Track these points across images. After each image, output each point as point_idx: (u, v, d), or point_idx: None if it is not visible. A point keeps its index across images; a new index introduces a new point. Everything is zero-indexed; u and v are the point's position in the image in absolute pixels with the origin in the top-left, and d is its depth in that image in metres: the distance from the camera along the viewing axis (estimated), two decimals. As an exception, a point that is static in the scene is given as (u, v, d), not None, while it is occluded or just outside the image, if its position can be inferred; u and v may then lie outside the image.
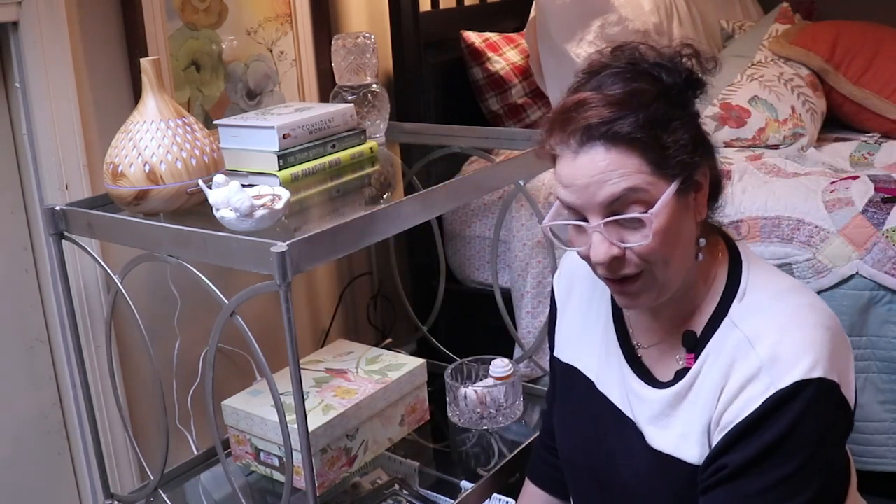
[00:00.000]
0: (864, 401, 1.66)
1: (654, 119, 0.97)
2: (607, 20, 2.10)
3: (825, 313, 1.02)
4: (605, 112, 0.97)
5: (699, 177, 1.03)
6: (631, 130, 0.96)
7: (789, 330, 0.98)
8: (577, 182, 0.99)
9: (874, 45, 2.27)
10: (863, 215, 1.66)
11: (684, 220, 1.01)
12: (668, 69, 1.02)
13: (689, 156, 0.99)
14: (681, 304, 1.08)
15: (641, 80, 1.00)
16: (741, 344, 1.00)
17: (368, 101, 1.77)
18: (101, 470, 1.55)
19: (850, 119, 2.29)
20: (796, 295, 1.04)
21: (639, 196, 0.97)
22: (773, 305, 1.03)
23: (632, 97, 0.97)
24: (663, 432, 1.07)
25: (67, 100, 1.48)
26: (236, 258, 1.18)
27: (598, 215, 0.99)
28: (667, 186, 0.98)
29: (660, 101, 0.98)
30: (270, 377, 1.21)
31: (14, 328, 1.53)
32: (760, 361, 0.97)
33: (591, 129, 0.97)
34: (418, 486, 1.67)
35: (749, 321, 1.02)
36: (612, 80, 1.00)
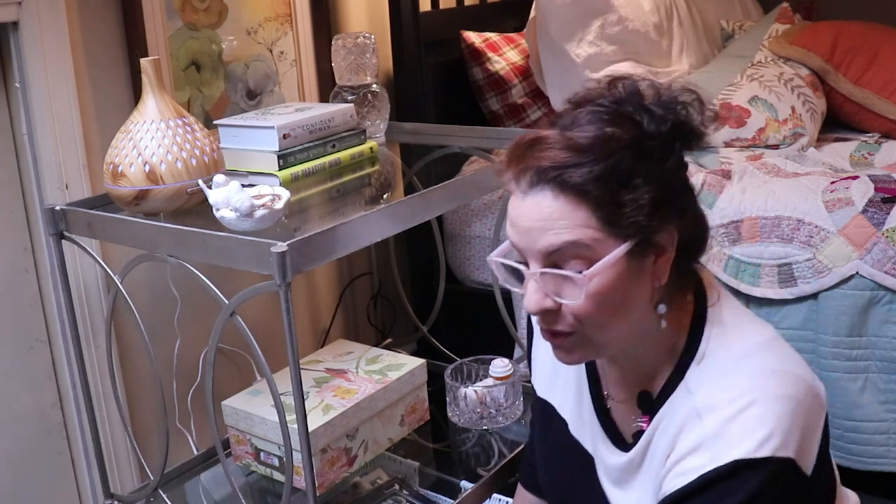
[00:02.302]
0: (864, 401, 1.66)
1: (614, 172, 0.88)
2: (607, 20, 2.10)
3: (792, 378, 0.92)
4: (561, 156, 0.89)
5: (662, 240, 0.92)
6: (583, 182, 0.87)
7: (743, 402, 0.89)
8: (520, 224, 0.92)
9: (874, 45, 2.26)
10: (863, 215, 1.66)
11: (634, 285, 0.92)
12: (656, 115, 0.92)
13: (647, 218, 0.89)
14: (638, 362, 1.01)
15: (619, 124, 0.91)
16: (690, 414, 0.93)
17: (368, 101, 1.77)
18: (101, 470, 1.55)
19: (850, 119, 2.29)
20: (762, 358, 0.94)
21: (580, 252, 0.89)
22: (732, 373, 0.93)
23: (596, 144, 0.89)
24: (624, 496, 1.04)
25: (67, 100, 1.48)
26: (236, 258, 1.18)
27: (537, 263, 0.92)
28: (614, 247, 0.89)
29: (628, 152, 0.89)
30: (270, 377, 1.21)
31: (14, 328, 1.53)
32: (704, 435, 0.90)
33: (543, 171, 0.89)
34: (418, 486, 1.67)
35: (704, 389, 0.94)
36: (588, 118, 0.92)
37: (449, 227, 2.19)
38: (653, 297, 0.95)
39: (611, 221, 0.89)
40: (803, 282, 1.69)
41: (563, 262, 0.90)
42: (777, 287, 1.72)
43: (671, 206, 0.92)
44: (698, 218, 0.99)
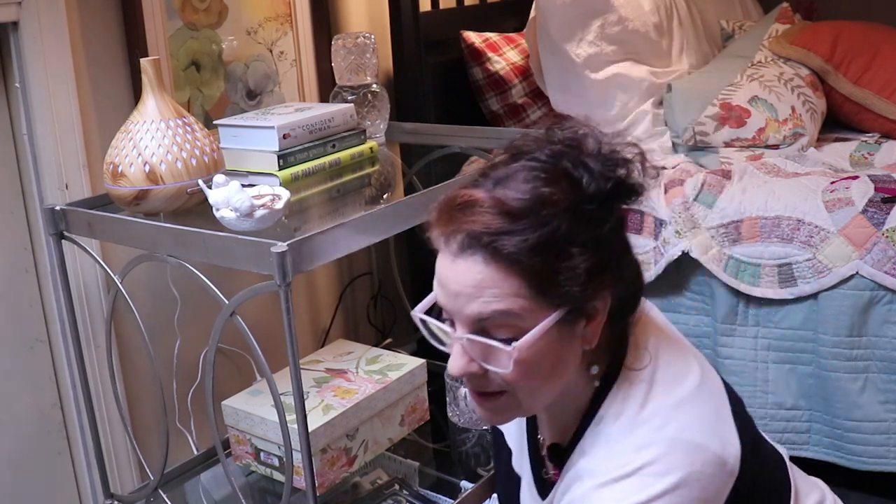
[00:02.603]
0: (864, 401, 1.66)
1: (550, 241, 0.83)
2: (607, 20, 2.10)
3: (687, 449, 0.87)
4: (494, 222, 0.84)
5: (597, 303, 0.89)
6: (516, 251, 0.83)
7: (619, 473, 0.86)
8: (449, 287, 0.88)
9: (874, 45, 2.26)
10: (863, 215, 1.66)
11: (564, 351, 0.89)
12: (595, 173, 0.87)
13: (582, 287, 0.85)
14: (556, 416, 0.99)
15: (556, 183, 0.85)
16: (574, 476, 0.91)
17: (368, 101, 1.77)
18: (101, 470, 1.55)
19: (850, 119, 2.29)
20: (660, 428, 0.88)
21: (510, 321, 0.85)
22: (622, 441, 0.89)
23: (531, 209, 0.84)
24: None
25: (67, 100, 1.48)
26: (236, 258, 1.18)
27: (464, 328, 0.88)
28: (545, 316, 0.85)
29: (565, 218, 0.84)
30: (270, 377, 1.21)
31: (14, 328, 1.53)
32: (572, 499, 0.89)
33: (475, 236, 0.84)
34: (418, 486, 1.67)
35: (592, 452, 0.91)
36: (524, 175, 0.86)
37: (449, 227, 2.19)
38: (584, 360, 0.92)
39: (543, 291, 0.85)
40: (803, 282, 1.69)
41: (492, 329, 0.87)
42: (777, 287, 1.72)
43: (607, 272, 0.88)
44: (633, 276, 0.95)
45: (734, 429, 0.91)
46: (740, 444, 0.90)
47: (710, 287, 1.80)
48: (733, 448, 0.90)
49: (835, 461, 1.71)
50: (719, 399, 0.94)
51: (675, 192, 1.85)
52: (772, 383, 1.76)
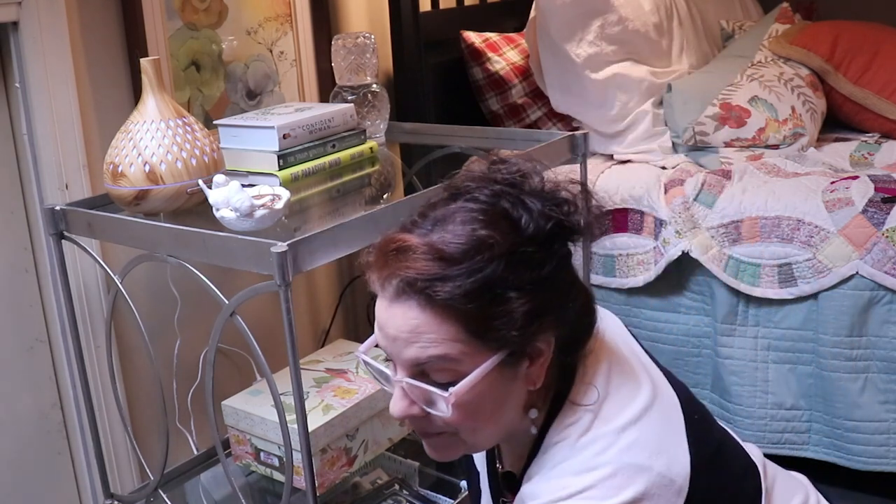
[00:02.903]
0: (864, 401, 1.66)
1: (485, 286, 0.82)
2: (607, 20, 2.10)
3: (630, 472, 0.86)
4: (428, 267, 0.83)
5: (540, 345, 0.88)
6: (450, 297, 0.82)
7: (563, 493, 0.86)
8: (387, 331, 0.87)
9: (874, 45, 2.26)
10: (863, 215, 1.66)
11: (506, 392, 0.88)
12: (535, 213, 0.86)
13: (521, 331, 0.84)
14: (510, 446, 1.00)
15: (495, 225, 0.84)
16: (520, 501, 0.91)
17: (368, 101, 1.77)
18: (101, 470, 1.55)
19: (850, 119, 2.29)
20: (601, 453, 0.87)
21: (447, 365, 0.85)
22: (562, 463, 0.88)
23: (466, 254, 0.83)
24: None
25: (67, 100, 1.48)
26: (236, 258, 1.18)
27: (404, 371, 0.88)
28: (483, 360, 0.85)
29: (501, 262, 0.83)
30: (270, 377, 1.21)
31: (14, 328, 1.53)
32: None
33: (410, 283, 0.84)
34: (418, 486, 1.67)
35: (535, 478, 0.90)
36: (462, 217, 0.86)
37: (449, 227, 2.19)
38: (527, 401, 0.92)
39: (480, 336, 0.84)
40: (803, 282, 1.69)
41: (431, 372, 0.86)
42: (777, 287, 1.72)
43: (547, 315, 0.86)
44: (582, 312, 0.93)
45: (685, 446, 0.90)
46: (691, 461, 0.89)
47: (710, 287, 1.80)
48: (681, 466, 0.88)
49: (835, 461, 1.71)
50: (669, 417, 0.93)
51: (675, 192, 1.85)
52: (772, 383, 1.76)
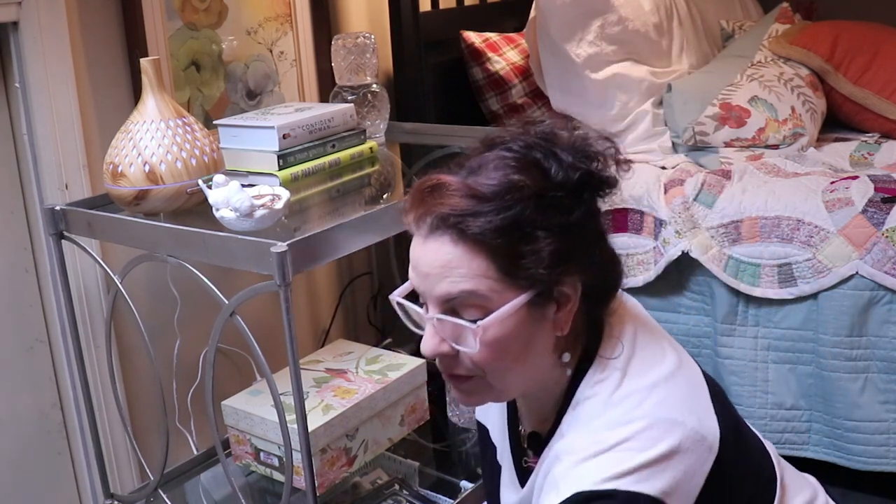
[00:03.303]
0: (864, 401, 1.66)
1: (514, 224, 0.86)
2: (607, 20, 2.10)
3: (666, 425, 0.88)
4: (462, 204, 0.87)
5: (563, 291, 0.90)
6: (481, 232, 0.86)
7: (599, 448, 0.87)
8: (420, 268, 0.92)
9: (874, 45, 2.26)
10: (863, 215, 1.66)
11: (534, 335, 0.91)
12: (565, 164, 0.90)
13: (547, 270, 0.87)
14: (535, 404, 1.00)
15: (526, 171, 0.88)
16: (554, 457, 0.92)
17: (368, 101, 1.77)
18: (101, 470, 1.55)
19: (850, 119, 2.29)
20: (636, 406, 0.90)
21: (477, 301, 0.88)
22: (598, 417, 0.90)
23: (499, 193, 0.87)
24: None
25: (67, 100, 1.48)
26: (236, 258, 1.18)
27: (435, 308, 0.91)
28: (513, 297, 0.88)
29: (530, 203, 0.87)
30: (270, 377, 1.21)
31: (14, 328, 1.53)
32: (555, 476, 0.89)
33: (443, 218, 0.88)
34: (418, 486, 1.67)
35: (570, 434, 0.92)
36: (495, 163, 0.90)
37: (449, 227, 2.19)
38: (556, 347, 0.93)
39: (509, 273, 0.87)
40: (803, 282, 1.69)
41: (461, 309, 0.89)
42: (777, 287, 1.72)
43: (574, 258, 0.89)
44: (609, 265, 0.96)
45: (713, 412, 0.92)
46: (720, 427, 0.91)
47: (710, 287, 1.80)
48: (711, 428, 0.90)
49: (835, 461, 1.71)
50: (696, 385, 0.95)
51: (675, 192, 1.85)
52: (772, 383, 1.76)
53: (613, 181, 0.93)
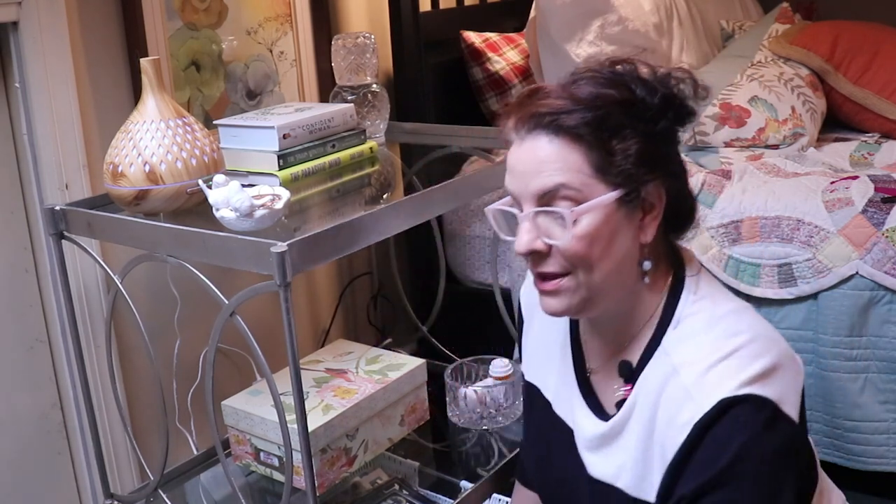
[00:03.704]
0: (863, 401, 1.66)
1: (605, 121, 0.95)
2: (607, 20, 2.10)
3: (766, 340, 0.96)
4: (558, 103, 0.95)
5: (650, 195, 0.98)
6: (577, 125, 0.94)
7: (719, 355, 0.94)
8: (517, 168, 0.98)
9: (874, 45, 2.26)
10: (863, 215, 1.66)
11: (621, 234, 0.97)
12: (648, 85, 0.99)
13: (636, 167, 0.95)
14: (620, 329, 1.04)
15: (614, 87, 0.97)
16: (669, 373, 0.96)
17: (368, 101, 1.77)
18: (101, 470, 1.55)
19: (850, 119, 2.29)
20: (737, 322, 0.98)
21: (571, 194, 0.94)
22: (707, 333, 0.97)
23: (592, 99, 0.96)
24: (603, 461, 1.05)
25: (67, 100, 1.48)
26: (236, 258, 1.18)
27: (530, 205, 0.97)
28: (604, 192, 0.95)
29: (620, 109, 0.96)
30: (270, 377, 1.21)
31: (14, 328, 1.53)
32: (685, 388, 0.93)
33: (540, 117, 0.96)
34: (418, 486, 1.67)
35: (680, 349, 0.97)
36: (586, 81, 0.98)
37: (449, 227, 2.19)
38: (640, 254, 1.00)
39: (601, 168, 0.94)
40: (803, 282, 1.69)
41: (555, 203, 0.95)
42: (777, 287, 1.72)
43: (659, 162, 0.98)
44: (688, 197, 1.04)
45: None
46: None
47: (710, 287, 1.80)
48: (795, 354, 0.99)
49: (834, 461, 1.71)
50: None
51: (675, 192, 1.84)
52: (772, 383, 1.76)
53: (692, 109, 1.01)
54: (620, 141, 0.95)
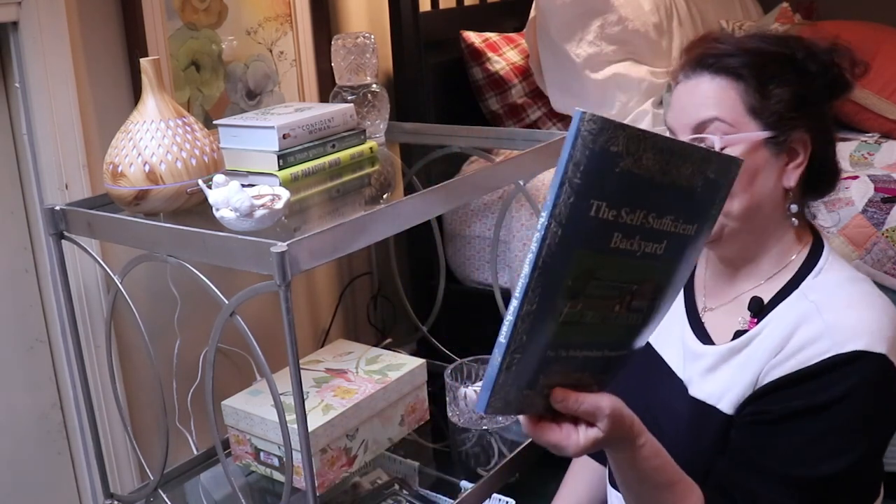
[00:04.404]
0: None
1: (766, 67, 1.04)
2: (607, 20, 2.10)
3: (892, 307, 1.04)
4: (724, 48, 1.06)
5: (796, 144, 1.06)
6: (738, 66, 1.04)
7: (858, 307, 1.02)
8: (677, 104, 1.09)
9: (874, 45, 2.26)
10: (863, 215, 1.66)
11: (764, 173, 1.06)
12: (810, 51, 1.06)
13: (787, 111, 1.04)
14: (757, 268, 1.13)
15: (779, 45, 1.07)
16: (808, 311, 1.04)
17: (368, 101, 1.77)
18: (101, 470, 1.55)
19: (850, 119, 2.29)
20: (869, 284, 1.08)
21: (723, 128, 1.04)
22: (846, 286, 1.06)
23: (756, 49, 1.06)
24: (707, 383, 1.11)
25: (67, 100, 1.48)
26: (236, 258, 1.18)
27: (685, 133, 1.07)
28: (754, 130, 1.04)
29: (779, 62, 1.05)
30: (270, 377, 1.21)
31: (14, 328, 1.53)
32: (825, 325, 1.00)
33: (705, 58, 1.06)
34: (418, 486, 1.67)
35: (819, 294, 1.06)
36: (753, 39, 1.08)
37: (449, 227, 2.19)
38: (784, 197, 1.09)
39: (754, 109, 1.04)
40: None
41: (708, 135, 1.06)
42: (777, 287, 1.72)
43: (810, 111, 1.06)
44: (831, 158, 1.12)
45: None
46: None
47: (710, 287, 1.80)
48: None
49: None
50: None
51: (675, 192, 1.84)
52: (772, 383, 1.76)
53: (848, 81, 1.08)
54: (777, 86, 1.04)
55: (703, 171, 0.84)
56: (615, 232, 0.80)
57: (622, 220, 0.80)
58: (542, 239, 0.77)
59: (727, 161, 0.87)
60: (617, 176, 0.78)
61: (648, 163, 0.79)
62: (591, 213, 0.78)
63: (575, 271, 0.80)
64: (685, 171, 0.83)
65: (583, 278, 0.80)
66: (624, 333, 0.89)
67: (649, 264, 0.85)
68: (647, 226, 0.82)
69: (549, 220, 0.76)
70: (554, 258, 0.78)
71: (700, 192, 0.85)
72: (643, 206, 0.80)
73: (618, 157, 0.77)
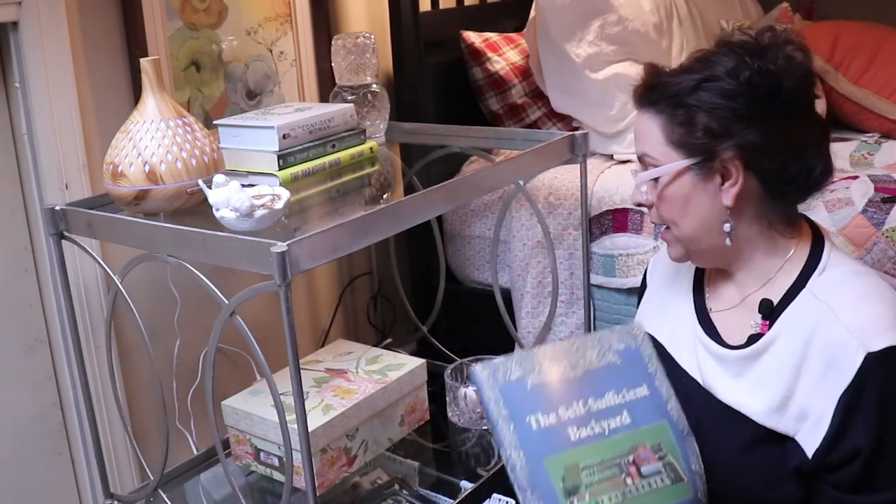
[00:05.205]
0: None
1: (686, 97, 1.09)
2: (607, 20, 2.10)
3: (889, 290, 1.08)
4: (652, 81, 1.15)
5: (728, 164, 1.09)
6: (657, 100, 1.13)
7: (871, 300, 1.05)
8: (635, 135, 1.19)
9: (874, 45, 2.26)
10: (863, 215, 1.66)
11: (698, 195, 1.12)
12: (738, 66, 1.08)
13: (710, 137, 1.08)
14: (751, 272, 1.16)
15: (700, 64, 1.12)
16: (823, 312, 1.06)
17: (368, 101, 1.77)
18: (101, 470, 1.55)
19: (850, 119, 2.29)
20: (875, 276, 1.11)
21: (652, 161, 1.14)
22: (853, 280, 1.09)
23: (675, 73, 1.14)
24: (732, 388, 1.14)
25: (67, 100, 1.48)
26: (236, 258, 1.18)
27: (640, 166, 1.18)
28: (675, 160, 1.11)
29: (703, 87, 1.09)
30: (270, 377, 1.21)
31: (14, 328, 1.53)
32: (846, 329, 1.02)
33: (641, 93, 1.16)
34: (418, 486, 1.67)
35: (829, 292, 1.08)
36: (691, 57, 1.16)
37: (449, 227, 2.19)
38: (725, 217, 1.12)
39: (674, 139, 1.11)
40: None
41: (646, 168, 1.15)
42: (777, 287, 1.72)
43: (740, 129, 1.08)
44: (790, 167, 1.12)
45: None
46: None
47: (710, 287, 1.80)
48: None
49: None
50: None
51: (675, 192, 1.84)
52: (772, 383, 1.76)
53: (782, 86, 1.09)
54: (699, 113, 1.09)
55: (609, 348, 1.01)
56: (567, 428, 0.92)
57: (565, 418, 0.92)
58: (513, 468, 0.90)
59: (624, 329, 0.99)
60: (530, 392, 0.92)
61: (552, 368, 0.94)
62: (534, 428, 0.91)
63: (558, 474, 0.90)
64: (591, 355, 0.97)
65: (570, 476, 0.91)
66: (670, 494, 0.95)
67: (625, 434, 0.95)
68: (593, 409, 0.94)
69: (508, 452, 0.90)
70: (532, 476, 0.89)
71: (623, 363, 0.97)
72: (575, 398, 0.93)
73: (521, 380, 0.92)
